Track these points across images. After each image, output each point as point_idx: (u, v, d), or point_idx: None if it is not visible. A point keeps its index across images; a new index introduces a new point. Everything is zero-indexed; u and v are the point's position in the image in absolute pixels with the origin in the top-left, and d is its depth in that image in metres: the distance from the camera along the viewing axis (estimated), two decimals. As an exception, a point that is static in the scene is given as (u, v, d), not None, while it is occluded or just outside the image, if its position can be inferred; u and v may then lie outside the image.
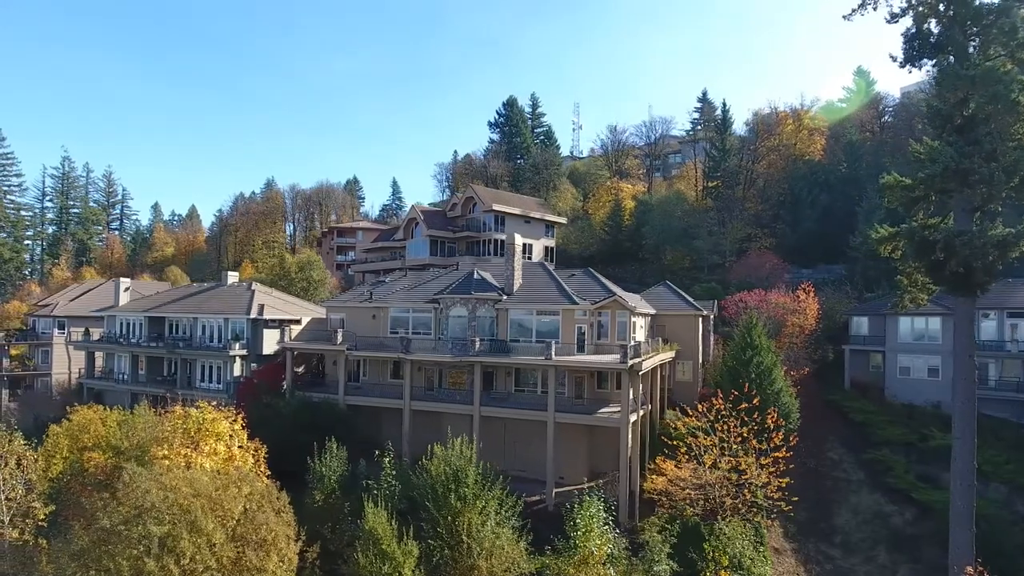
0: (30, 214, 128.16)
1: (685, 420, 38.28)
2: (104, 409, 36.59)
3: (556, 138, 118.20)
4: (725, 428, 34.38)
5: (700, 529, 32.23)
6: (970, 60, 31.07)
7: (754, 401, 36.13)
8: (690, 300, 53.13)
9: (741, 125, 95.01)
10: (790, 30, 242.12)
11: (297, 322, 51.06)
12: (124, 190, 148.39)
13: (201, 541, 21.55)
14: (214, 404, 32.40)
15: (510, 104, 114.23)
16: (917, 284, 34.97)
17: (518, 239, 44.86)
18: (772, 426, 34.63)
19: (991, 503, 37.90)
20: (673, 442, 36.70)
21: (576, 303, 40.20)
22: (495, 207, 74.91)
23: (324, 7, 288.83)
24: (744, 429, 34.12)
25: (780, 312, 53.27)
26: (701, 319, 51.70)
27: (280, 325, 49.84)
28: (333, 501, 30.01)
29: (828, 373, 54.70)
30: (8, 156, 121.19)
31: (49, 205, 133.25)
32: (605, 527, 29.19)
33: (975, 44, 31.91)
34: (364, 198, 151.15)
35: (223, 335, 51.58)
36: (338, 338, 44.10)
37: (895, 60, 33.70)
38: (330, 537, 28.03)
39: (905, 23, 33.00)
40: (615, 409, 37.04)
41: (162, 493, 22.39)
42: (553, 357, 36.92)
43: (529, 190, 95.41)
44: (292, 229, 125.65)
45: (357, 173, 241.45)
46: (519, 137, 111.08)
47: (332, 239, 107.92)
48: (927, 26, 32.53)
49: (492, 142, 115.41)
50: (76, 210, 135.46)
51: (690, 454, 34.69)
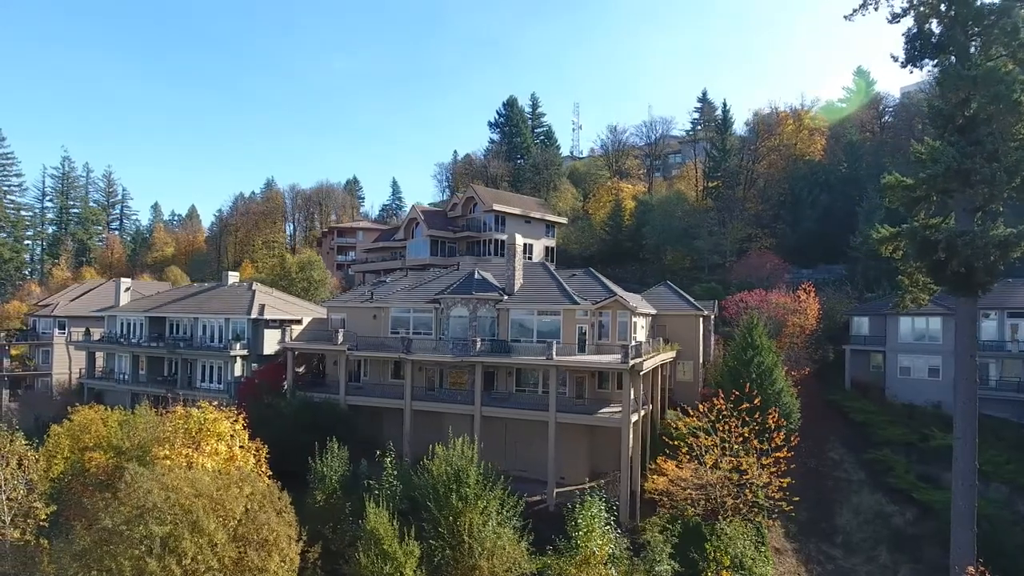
0: (30, 214, 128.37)
1: (686, 420, 38.26)
2: (105, 409, 36.56)
3: (556, 138, 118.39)
4: (726, 428, 34.39)
5: (701, 529, 32.25)
6: (972, 60, 31.07)
7: (755, 401, 36.14)
8: (691, 300, 53.16)
9: (741, 125, 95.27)
10: (790, 30, 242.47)
11: (298, 322, 51.08)
12: (124, 190, 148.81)
13: (203, 541, 21.58)
14: (215, 404, 32.40)
15: (510, 104, 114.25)
16: (918, 284, 34.99)
17: (519, 239, 44.91)
18: (773, 426, 34.67)
19: (992, 503, 37.93)
20: (674, 442, 36.69)
21: (577, 303, 40.21)
22: (495, 207, 74.92)
23: (324, 7, 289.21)
24: (745, 429, 34.14)
25: (781, 312, 53.31)
26: (702, 319, 51.73)
27: (281, 325, 49.86)
28: (334, 501, 30.05)
29: (829, 373, 54.73)
30: (8, 156, 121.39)
31: (49, 205, 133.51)
32: (606, 527, 29.23)
33: (976, 44, 31.92)
34: (364, 198, 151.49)
35: (224, 335, 51.59)
36: (339, 338, 44.10)
37: (896, 60, 33.79)
38: (331, 537, 28.06)
39: (906, 23, 33.13)
40: (616, 409, 37.05)
41: (164, 493, 22.37)
42: (554, 357, 36.95)
43: (529, 190, 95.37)
44: (292, 229, 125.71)
45: (357, 173, 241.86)
46: (519, 137, 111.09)
47: (332, 239, 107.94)
48: (928, 26, 32.54)
49: (492, 142, 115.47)
50: (76, 210, 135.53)
51: (691, 454, 34.70)
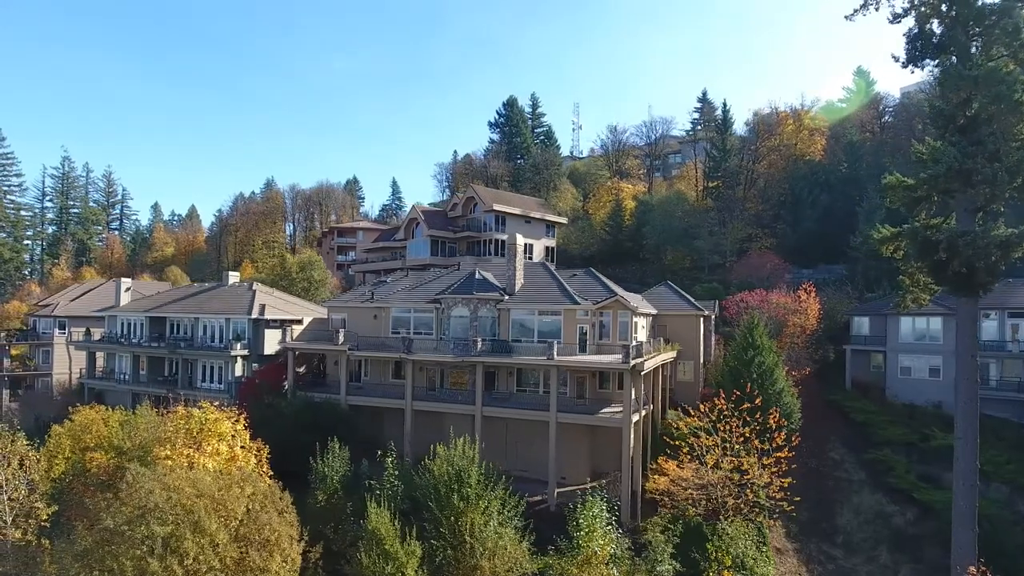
0: (30, 214, 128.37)
1: (687, 420, 38.25)
2: (106, 409, 36.55)
3: (556, 138, 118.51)
4: (727, 428, 34.39)
5: (703, 529, 32.24)
6: (973, 60, 31.10)
7: (756, 401, 36.12)
8: (691, 300, 53.15)
9: (741, 125, 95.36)
10: (790, 30, 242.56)
11: (298, 322, 51.06)
12: (124, 190, 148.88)
13: (204, 541, 21.59)
14: (216, 404, 32.42)
15: (510, 104, 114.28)
16: (919, 284, 35.01)
17: (519, 239, 44.91)
18: (774, 426, 34.69)
19: (992, 503, 37.94)
20: (675, 442, 36.68)
21: (578, 303, 40.21)
22: (496, 207, 74.90)
23: (324, 7, 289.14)
24: (746, 429, 34.16)
25: (781, 312, 53.31)
26: (702, 319, 51.73)
27: (281, 325, 49.84)
28: (336, 501, 30.06)
29: (829, 373, 54.71)
30: (8, 156, 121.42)
31: (49, 205, 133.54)
32: (608, 527, 29.25)
33: (978, 44, 31.96)
34: (364, 198, 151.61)
35: (224, 335, 51.57)
36: (340, 338, 44.07)
37: (897, 60, 33.85)
38: (333, 537, 28.07)
39: (907, 23, 33.17)
40: (617, 409, 37.06)
41: (165, 493, 22.36)
42: (555, 357, 36.95)
43: (529, 190, 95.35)
44: (292, 229, 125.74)
45: (357, 173, 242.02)
46: (519, 137, 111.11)
47: (332, 239, 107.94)
48: (929, 26, 32.57)
49: (492, 142, 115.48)
50: (76, 210, 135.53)
51: (692, 454, 34.71)
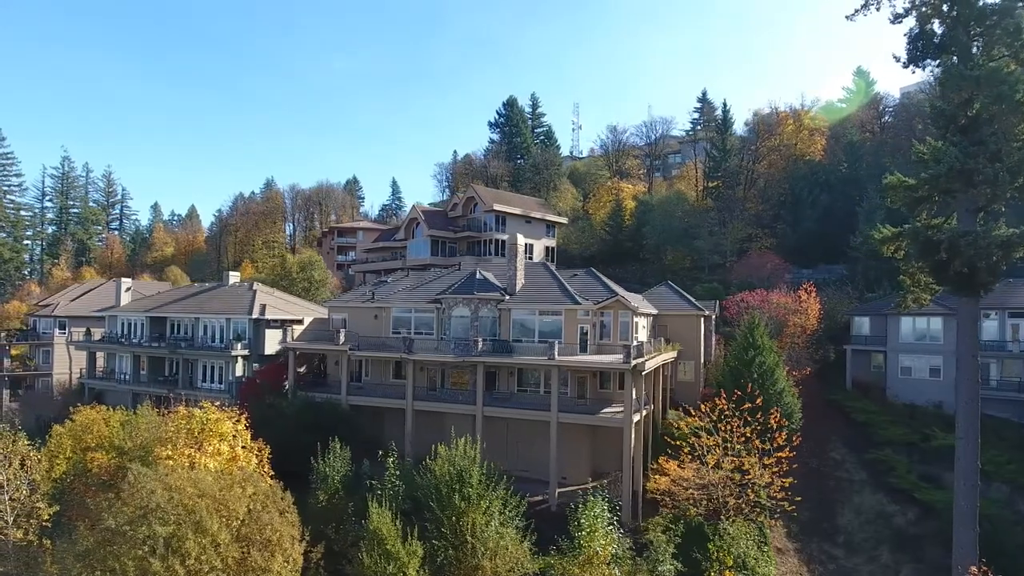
0: (30, 214, 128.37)
1: (688, 420, 38.25)
2: (107, 409, 36.55)
3: (556, 138, 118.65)
4: (728, 428, 34.40)
5: (704, 529, 32.25)
6: (974, 61, 31.09)
7: (757, 401, 36.12)
8: (692, 300, 53.15)
9: (741, 125, 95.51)
10: (790, 30, 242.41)
11: (299, 322, 51.05)
12: (124, 190, 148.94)
13: (206, 541, 21.59)
14: (216, 404, 32.41)
15: (510, 104, 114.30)
16: (920, 284, 34.99)
17: (520, 239, 44.90)
18: (775, 426, 34.67)
19: (993, 503, 37.94)
20: (676, 442, 36.68)
21: (579, 303, 40.20)
22: (496, 207, 74.88)
23: (324, 7, 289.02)
24: (747, 429, 34.17)
25: (782, 312, 53.31)
26: (703, 319, 51.73)
27: (282, 325, 49.82)
28: (337, 501, 30.08)
29: (830, 373, 54.72)
30: (8, 156, 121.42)
31: (49, 205, 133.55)
32: (609, 527, 29.19)
33: (979, 45, 31.92)
34: (364, 198, 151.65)
35: (225, 335, 51.55)
36: (340, 338, 44.06)
37: (898, 60, 33.83)
38: (334, 537, 28.09)
39: (908, 23, 33.13)
40: (618, 409, 37.05)
41: (167, 493, 22.36)
42: (556, 357, 36.94)
43: (529, 190, 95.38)
44: (292, 229, 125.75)
45: (357, 173, 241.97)
46: (519, 137, 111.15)
47: (332, 239, 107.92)
48: (930, 26, 32.55)
49: (492, 142, 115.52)
50: (76, 210, 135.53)
51: (693, 454, 34.72)
